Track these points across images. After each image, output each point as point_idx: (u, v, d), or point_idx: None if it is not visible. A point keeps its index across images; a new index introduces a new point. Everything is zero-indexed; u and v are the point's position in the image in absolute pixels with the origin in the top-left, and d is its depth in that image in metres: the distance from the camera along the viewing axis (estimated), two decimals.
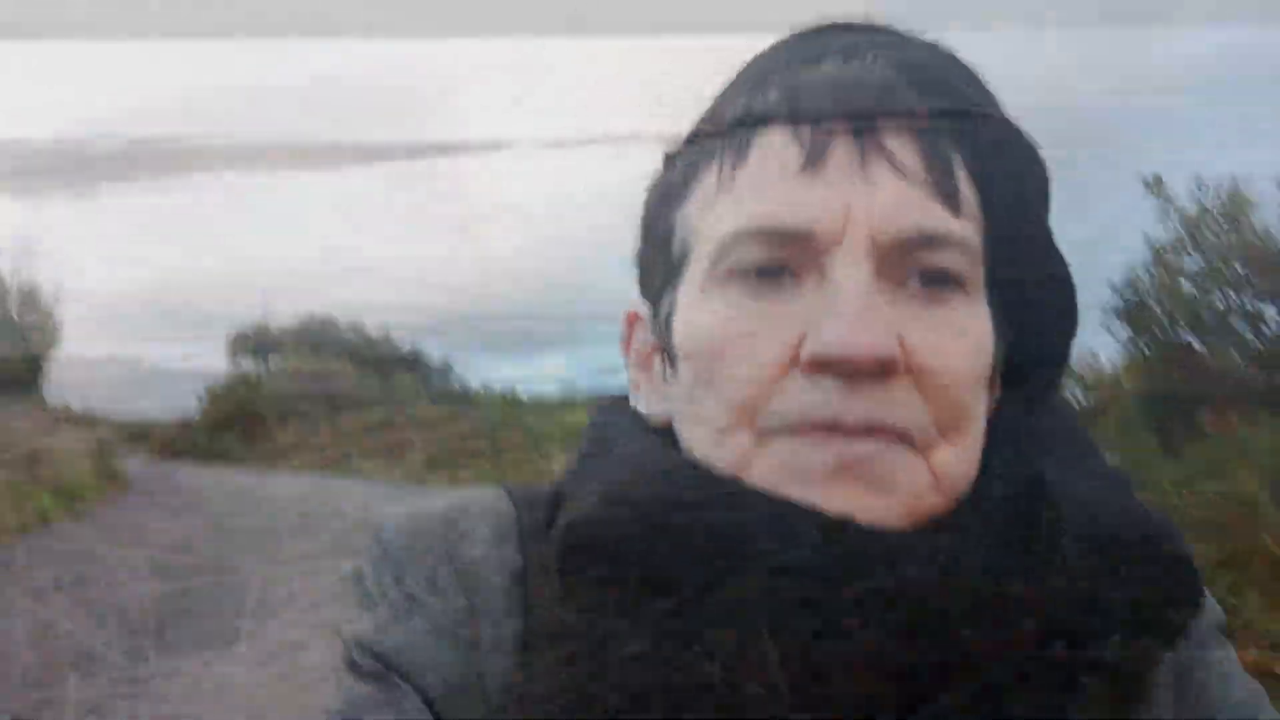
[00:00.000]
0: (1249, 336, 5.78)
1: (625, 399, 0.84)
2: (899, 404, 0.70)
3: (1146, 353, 5.88)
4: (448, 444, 9.37)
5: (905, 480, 0.70)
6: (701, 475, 0.71)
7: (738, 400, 0.72)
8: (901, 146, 0.74)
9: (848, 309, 0.70)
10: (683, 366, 0.77)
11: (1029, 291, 0.79)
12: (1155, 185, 6.04)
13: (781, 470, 0.70)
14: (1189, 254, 5.91)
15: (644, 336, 0.83)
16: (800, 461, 0.70)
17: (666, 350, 0.79)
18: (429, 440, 9.48)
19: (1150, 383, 5.76)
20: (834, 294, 0.71)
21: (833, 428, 0.69)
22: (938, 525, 0.70)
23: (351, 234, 14.09)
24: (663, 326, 0.80)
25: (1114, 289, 5.87)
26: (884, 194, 0.73)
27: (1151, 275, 5.90)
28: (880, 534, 0.68)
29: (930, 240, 0.73)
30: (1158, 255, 5.82)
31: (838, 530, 0.68)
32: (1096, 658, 0.69)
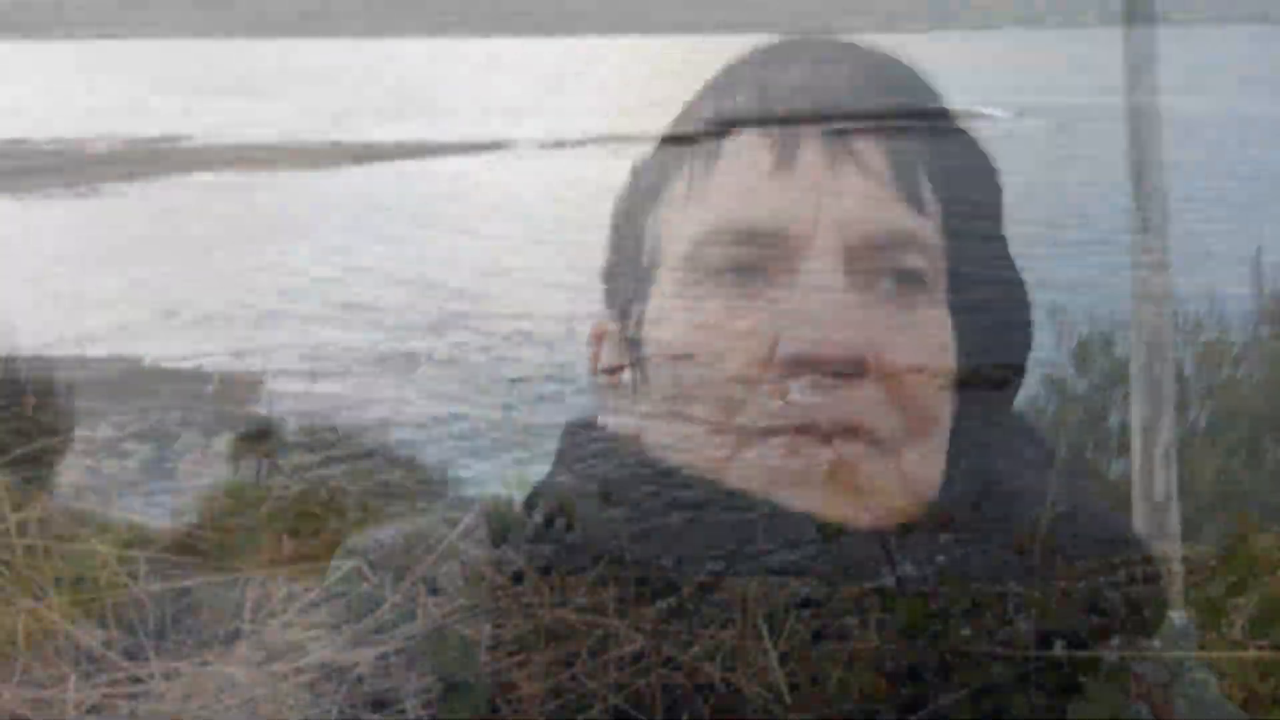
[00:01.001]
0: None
1: (593, 421, 0.83)
2: (870, 405, 0.71)
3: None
4: None
5: (877, 482, 0.70)
6: (674, 479, 0.72)
7: (714, 403, 0.72)
8: (868, 148, 0.75)
9: (820, 310, 0.71)
10: (655, 373, 0.77)
11: (986, 295, 0.79)
12: (1053, 315, 6.70)
13: (759, 474, 0.70)
14: (1078, 377, 6.59)
15: (612, 350, 0.83)
16: (776, 465, 0.70)
17: (637, 361, 0.79)
18: None
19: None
20: (806, 295, 0.72)
21: (807, 429, 0.70)
22: (909, 527, 0.71)
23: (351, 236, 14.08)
24: (633, 336, 0.79)
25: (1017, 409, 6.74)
26: (853, 194, 0.73)
27: (1048, 397, 6.55)
28: (856, 535, 0.69)
29: (898, 240, 0.74)
30: (1051, 381, 6.48)
31: (820, 534, 0.68)
32: (1089, 655, 0.70)
